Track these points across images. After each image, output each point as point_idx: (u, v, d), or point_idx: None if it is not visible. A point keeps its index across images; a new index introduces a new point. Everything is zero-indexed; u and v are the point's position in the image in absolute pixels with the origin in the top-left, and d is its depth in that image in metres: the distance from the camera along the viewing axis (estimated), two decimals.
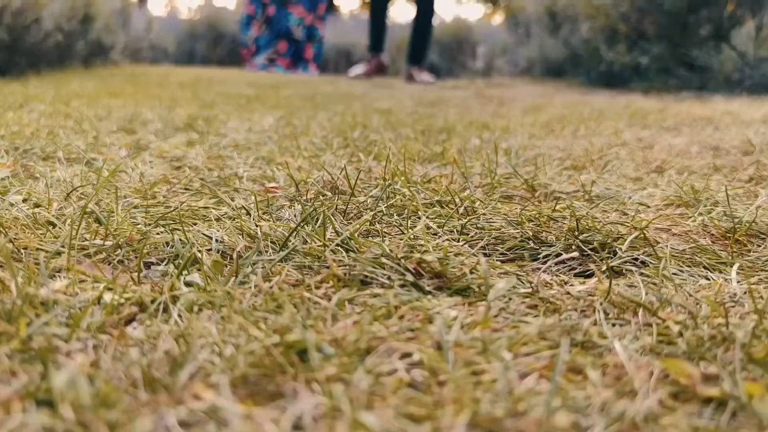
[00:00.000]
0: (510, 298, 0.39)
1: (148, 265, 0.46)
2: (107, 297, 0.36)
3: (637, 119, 1.58)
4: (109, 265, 0.45)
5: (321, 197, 0.66)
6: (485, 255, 0.51)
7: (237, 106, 2.12)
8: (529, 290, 0.41)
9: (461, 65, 9.46)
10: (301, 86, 3.76)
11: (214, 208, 0.60)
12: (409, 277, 0.41)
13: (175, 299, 0.37)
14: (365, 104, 2.63)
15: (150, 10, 10.58)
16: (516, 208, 0.65)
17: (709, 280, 0.46)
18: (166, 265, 0.46)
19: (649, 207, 0.65)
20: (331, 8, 5.33)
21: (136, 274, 0.42)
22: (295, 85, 3.85)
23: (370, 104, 2.63)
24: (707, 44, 2.98)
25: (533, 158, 1.00)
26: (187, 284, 0.40)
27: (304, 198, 0.65)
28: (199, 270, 0.42)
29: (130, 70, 4.28)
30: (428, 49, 5.15)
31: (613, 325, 0.36)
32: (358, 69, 5.13)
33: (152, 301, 0.37)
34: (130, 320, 0.35)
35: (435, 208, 0.63)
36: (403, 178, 0.71)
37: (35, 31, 3.33)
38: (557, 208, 0.62)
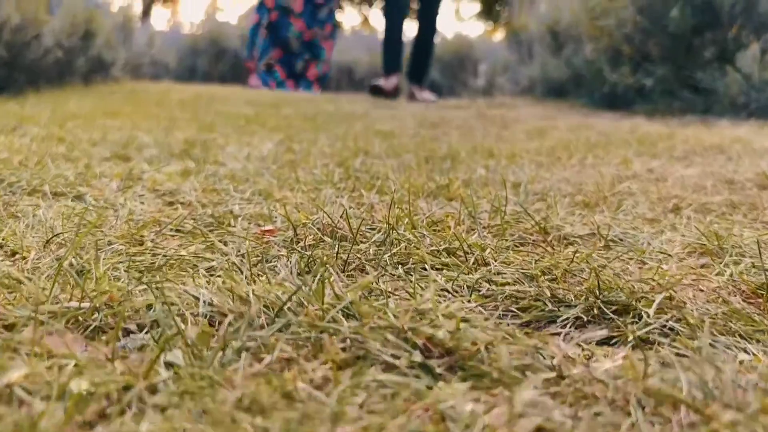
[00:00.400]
0: (534, 386, 0.35)
1: (127, 332, 0.42)
2: (74, 385, 0.32)
3: (645, 147, 1.54)
4: (83, 333, 0.41)
5: (321, 243, 0.62)
6: (499, 318, 0.46)
7: (236, 127, 2.09)
8: (552, 372, 0.36)
9: (462, 83, 9.47)
10: (302, 105, 3.73)
11: (205, 258, 0.56)
12: (417, 356, 0.37)
13: (152, 389, 0.33)
14: (367, 125, 2.59)
15: (152, 24, 10.60)
16: (529, 256, 0.61)
17: (748, 354, 0.42)
18: (146, 333, 0.41)
19: (670, 256, 0.60)
20: (336, 27, 5.25)
21: (112, 346, 0.37)
22: (296, 103, 3.82)
23: (371, 125, 2.59)
24: (712, 66, 2.95)
25: (542, 192, 0.96)
26: (168, 364, 0.36)
27: (302, 244, 0.60)
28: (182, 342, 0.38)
29: (131, 86, 4.26)
30: (430, 66, 5.09)
31: (653, 424, 0.32)
32: (380, 80, 5.09)
33: (126, 388, 0.33)
34: (95, 421, 0.31)
35: (443, 258, 0.58)
36: (407, 220, 0.67)
37: (35, 48, 3.31)
38: (574, 258, 0.57)
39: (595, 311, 0.47)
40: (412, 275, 0.53)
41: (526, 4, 5.67)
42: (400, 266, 0.55)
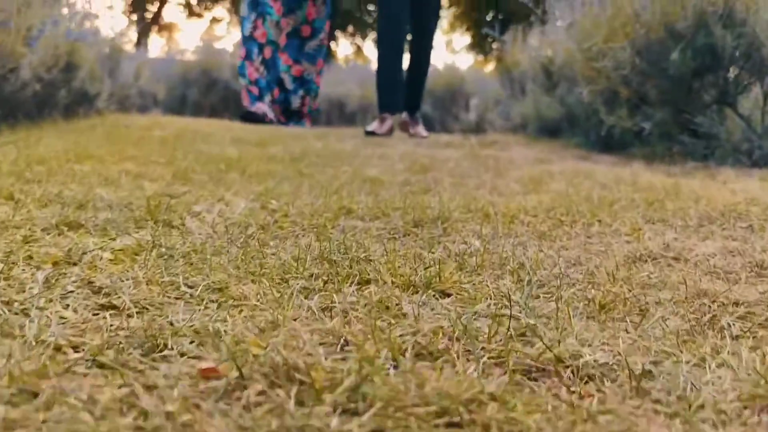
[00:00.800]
0: None
1: None
2: None
3: (654, 209, 1.42)
4: None
5: (272, 388, 0.48)
6: None
7: (214, 174, 1.95)
8: None
9: (454, 116, 9.44)
10: (290, 142, 3.61)
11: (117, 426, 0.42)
12: None
13: None
14: (355, 169, 2.47)
15: (146, 52, 10.54)
16: (542, 412, 0.47)
17: None
18: None
19: (726, 415, 0.47)
20: (328, 60, 5.09)
21: None
22: (283, 140, 3.70)
23: (359, 170, 2.47)
24: (712, 110, 2.86)
25: (549, 283, 0.83)
26: None
27: (250, 394, 0.46)
28: None
29: (114, 120, 4.13)
30: (423, 95, 5.01)
31: None
32: (374, 125, 4.90)
33: None
34: None
35: (432, 421, 0.45)
36: (386, 351, 0.53)
37: (12, 81, 3.18)
38: (599, 419, 0.44)
39: None
40: None
41: (518, 40, 5.61)
42: None
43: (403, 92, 4.89)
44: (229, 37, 19.95)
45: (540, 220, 1.33)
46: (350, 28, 37.17)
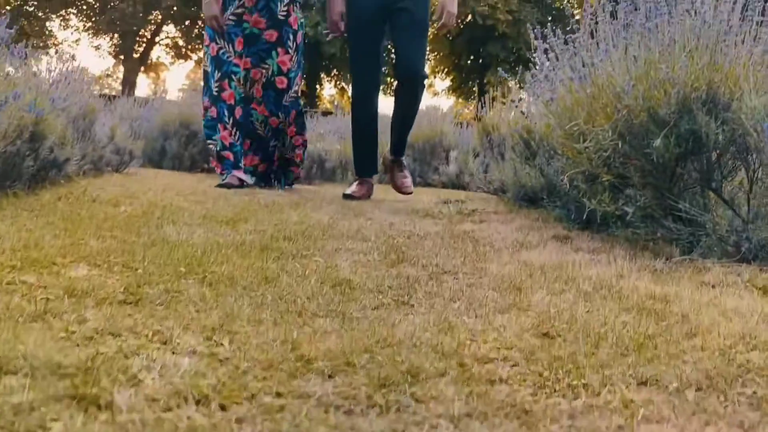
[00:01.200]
0: None
1: None
2: None
3: (646, 360, 1.29)
4: None
5: None
6: None
7: (169, 287, 1.81)
8: None
9: (434, 168, 9.42)
10: (263, 217, 3.48)
11: None
12: None
13: None
14: (327, 265, 2.34)
15: (125, 103, 10.49)
16: None
17: None
18: None
19: None
20: (301, 114, 4.92)
21: None
22: (256, 214, 3.57)
23: (332, 265, 2.34)
24: (697, 195, 2.77)
25: None
26: None
27: None
28: None
29: (83, 188, 3.97)
30: (408, 136, 4.92)
31: None
32: (352, 188, 4.67)
33: None
34: None
35: None
36: None
37: None
38: None
39: None
40: None
41: (498, 100, 5.58)
42: None
43: (377, 155, 4.84)
44: None
45: (519, 376, 1.19)
46: (334, 71, 37.43)
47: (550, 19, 35.70)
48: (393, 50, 4.64)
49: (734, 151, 2.70)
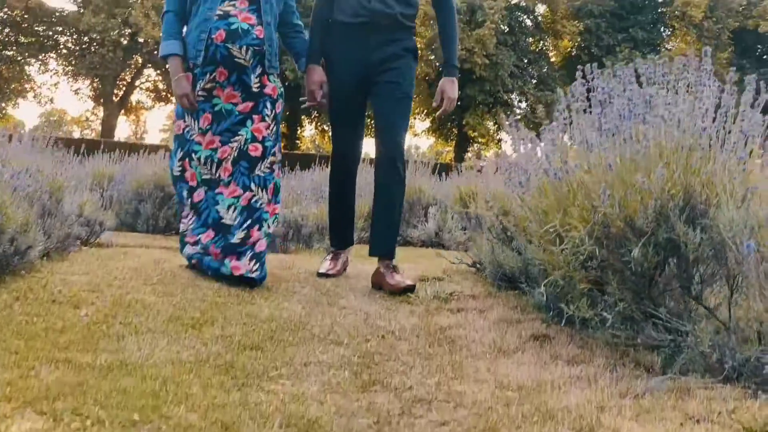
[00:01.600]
0: None
1: None
2: None
3: None
4: None
5: None
6: None
7: None
8: None
9: (413, 226, 9.36)
10: (232, 314, 3.34)
11: None
12: None
13: None
14: (293, 392, 2.22)
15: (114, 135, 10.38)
16: None
17: None
18: None
19: None
20: (278, 188, 4.44)
21: None
22: (225, 310, 3.42)
23: (298, 391, 2.22)
24: (677, 303, 2.70)
25: None
26: None
27: None
28: None
29: (44, 279, 3.81)
30: (396, 235, 4.21)
31: None
32: (327, 265, 4.38)
33: None
34: None
35: None
36: None
37: None
38: None
39: None
40: None
41: (474, 170, 5.53)
42: None
43: (353, 227, 4.58)
44: None
45: None
46: (315, 113, 37.51)
47: (526, 62, 36.42)
48: (373, 119, 4.17)
49: (713, 256, 2.64)
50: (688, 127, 2.62)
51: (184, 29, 4.00)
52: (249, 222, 3.98)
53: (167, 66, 4.07)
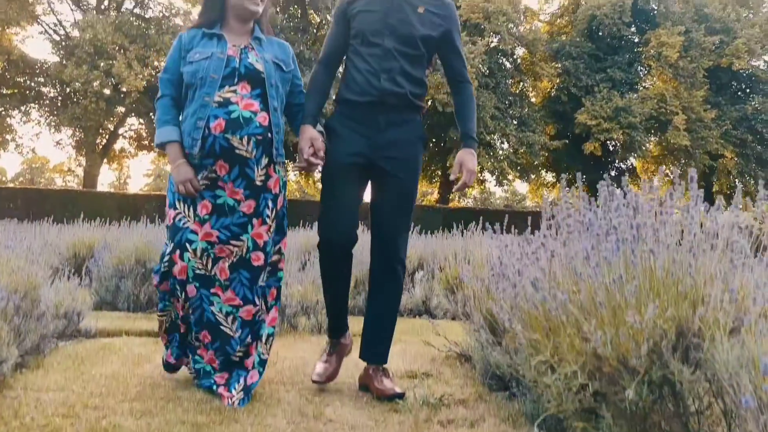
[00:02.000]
0: None
1: None
2: None
3: None
4: None
5: None
6: None
7: None
8: None
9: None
10: None
11: None
12: None
13: None
14: None
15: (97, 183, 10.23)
16: None
17: None
18: None
19: None
20: (279, 291, 4.06)
21: None
22: None
23: None
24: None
25: None
26: None
27: None
28: None
29: (17, 400, 3.65)
30: (390, 341, 3.93)
31: None
32: (320, 368, 4.02)
33: None
34: None
35: None
36: None
37: None
38: None
39: None
40: None
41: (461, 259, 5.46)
42: None
43: (346, 315, 4.39)
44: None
45: None
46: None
47: (507, 103, 36.84)
48: (370, 216, 3.85)
49: (709, 389, 2.57)
50: (677, 257, 2.56)
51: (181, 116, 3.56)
52: (249, 338, 3.69)
53: (165, 154, 3.54)
